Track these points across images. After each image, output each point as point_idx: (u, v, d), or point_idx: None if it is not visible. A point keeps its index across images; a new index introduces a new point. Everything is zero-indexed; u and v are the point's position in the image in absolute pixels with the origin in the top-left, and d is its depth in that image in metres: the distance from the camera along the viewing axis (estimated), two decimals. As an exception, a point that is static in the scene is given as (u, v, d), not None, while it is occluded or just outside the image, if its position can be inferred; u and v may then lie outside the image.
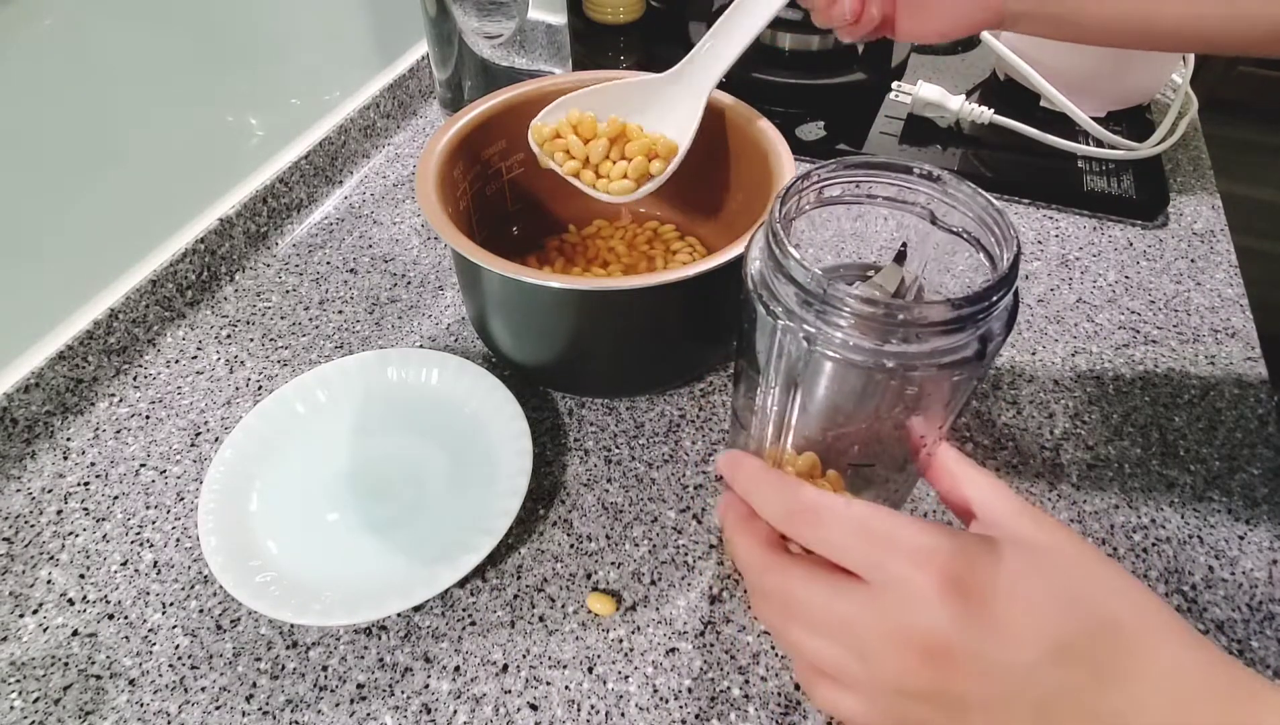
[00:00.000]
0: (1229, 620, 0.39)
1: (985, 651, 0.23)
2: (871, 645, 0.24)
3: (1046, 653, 0.22)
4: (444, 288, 0.56)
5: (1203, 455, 0.46)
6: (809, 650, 0.26)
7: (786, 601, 0.26)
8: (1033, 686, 0.22)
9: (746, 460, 0.29)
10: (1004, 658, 0.23)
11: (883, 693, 0.24)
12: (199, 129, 0.53)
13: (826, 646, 0.25)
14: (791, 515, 0.26)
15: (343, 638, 0.38)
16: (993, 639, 0.23)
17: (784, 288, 0.26)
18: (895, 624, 0.24)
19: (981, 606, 0.23)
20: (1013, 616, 0.23)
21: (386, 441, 0.45)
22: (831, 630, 0.25)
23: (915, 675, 0.23)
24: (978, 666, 0.23)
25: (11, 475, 0.45)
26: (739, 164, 0.48)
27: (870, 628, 0.24)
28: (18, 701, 0.36)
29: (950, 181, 0.29)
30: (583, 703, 0.36)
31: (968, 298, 0.24)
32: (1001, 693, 0.23)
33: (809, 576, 0.26)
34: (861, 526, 0.25)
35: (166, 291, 0.52)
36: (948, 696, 0.23)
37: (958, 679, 0.23)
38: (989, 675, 0.23)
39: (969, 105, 0.65)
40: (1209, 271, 0.57)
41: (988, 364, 0.27)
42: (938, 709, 0.24)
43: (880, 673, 0.24)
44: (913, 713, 0.24)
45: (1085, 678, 0.22)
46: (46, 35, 0.43)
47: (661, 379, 0.48)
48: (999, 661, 0.23)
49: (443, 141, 0.45)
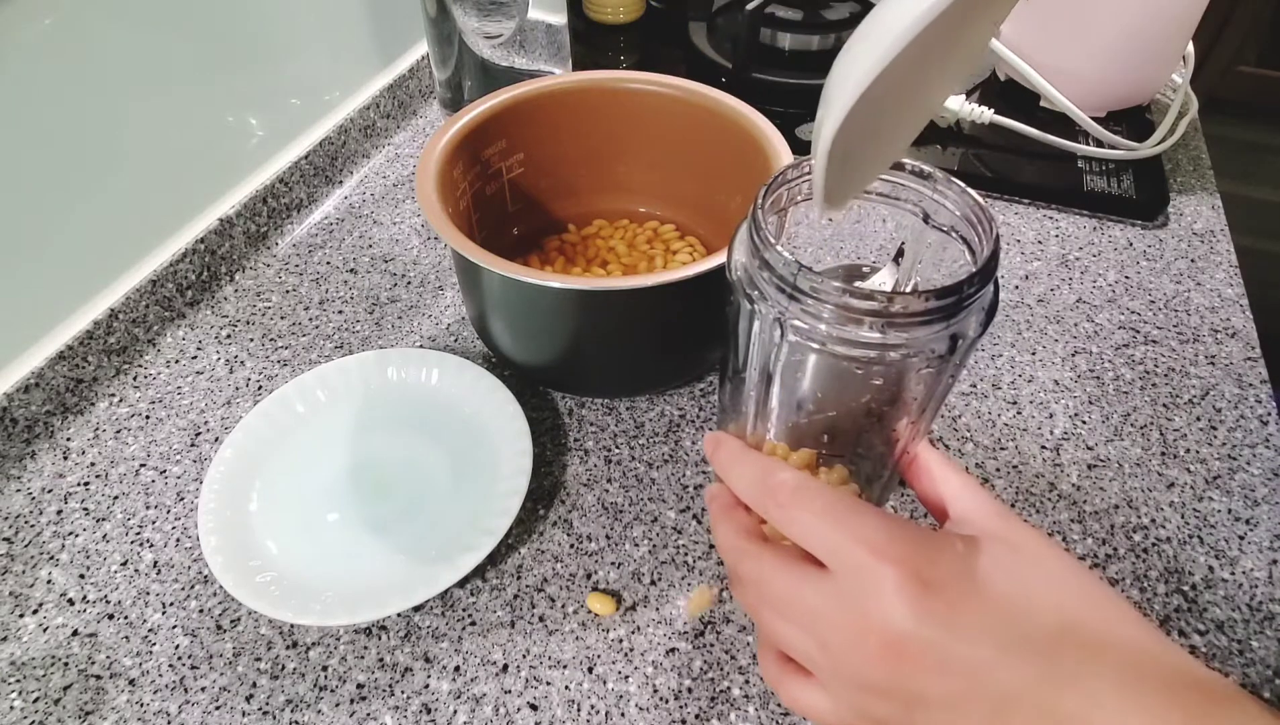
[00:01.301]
0: (1229, 620, 0.39)
1: (943, 646, 0.23)
2: (833, 635, 0.24)
3: (1005, 649, 0.22)
4: (444, 288, 0.56)
5: (1203, 455, 0.46)
6: (779, 634, 0.26)
7: (759, 586, 0.27)
8: (990, 683, 0.22)
9: (727, 440, 0.29)
10: (962, 653, 0.23)
11: (843, 684, 0.25)
12: (199, 129, 0.53)
13: (793, 633, 0.26)
14: (763, 493, 0.27)
15: (343, 638, 0.38)
16: (951, 634, 0.23)
17: (761, 275, 0.26)
18: (855, 614, 0.24)
19: (941, 601, 0.23)
20: (972, 612, 0.23)
21: (386, 441, 0.45)
22: (796, 616, 0.26)
23: (874, 667, 0.23)
24: (936, 661, 0.23)
25: (11, 475, 0.45)
26: (739, 164, 0.48)
27: (832, 617, 0.24)
28: (18, 701, 0.36)
29: (940, 179, 0.29)
30: (583, 703, 0.36)
31: (938, 291, 0.24)
32: (960, 689, 0.23)
33: (780, 563, 0.26)
34: (828, 511, 0.25)
35: (166, 291, 0.52)
36: (906, 690, 0.23)
37: (916, 673, 0.23)
38: (947, 670, 0.23)
39: (969, 105, 0.65)
40: (1209, 271, 0.57)
41: (960, 360, 0.27)
42: (896, 703, 0.24)
43: (841, 664, 0.24)
44: (872, 706, 0.24)
45: (1043, 675, 0.22)
46: (46, 35, 0.43)
47: (661, 379, 0.48)
48: (957, 656, 0.23)
49: (443, 141, 0.45)
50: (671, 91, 0.50)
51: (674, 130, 0.51)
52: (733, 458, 0.29)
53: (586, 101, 0.51)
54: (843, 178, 0.25)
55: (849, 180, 0.26)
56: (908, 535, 0.24)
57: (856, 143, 0.24)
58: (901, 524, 0.24)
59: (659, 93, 0.50)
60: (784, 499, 0.26)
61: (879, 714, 0.24)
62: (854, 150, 0.24)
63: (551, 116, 0.51)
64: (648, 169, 0.54)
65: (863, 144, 0.25)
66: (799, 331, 0.26)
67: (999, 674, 0.22)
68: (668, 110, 0.51)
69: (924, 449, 0.30)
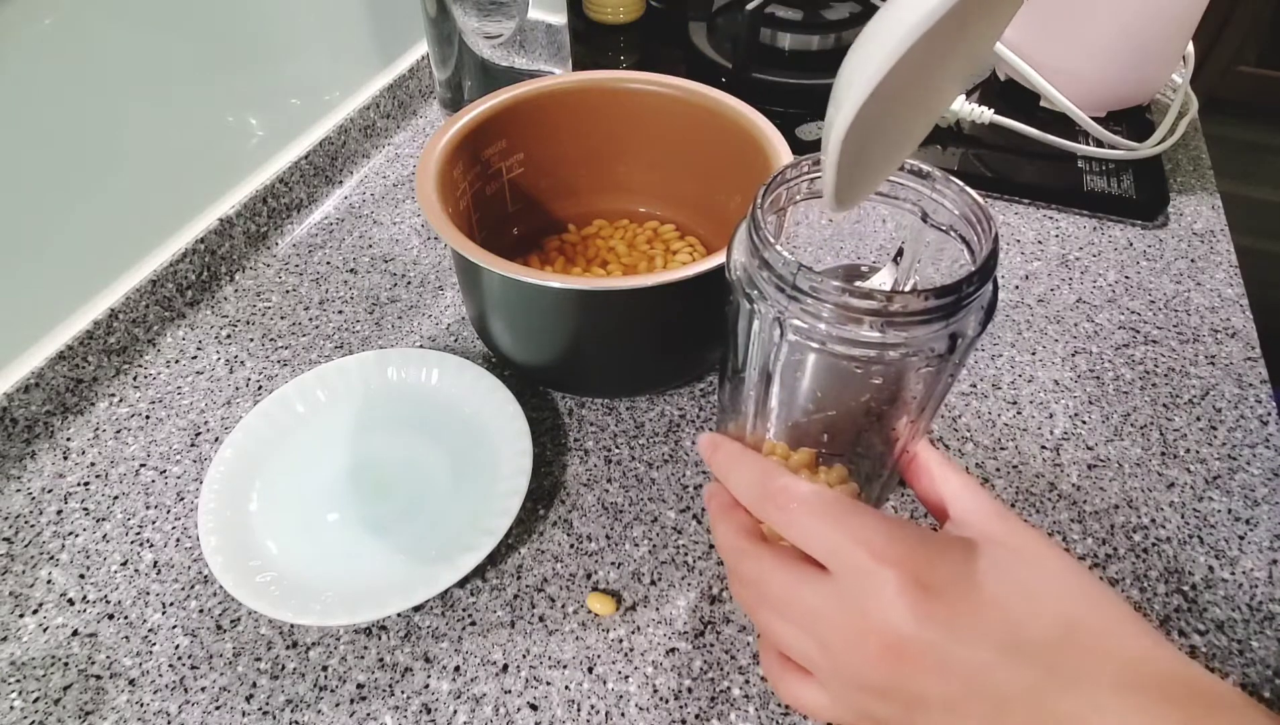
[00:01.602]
0: (1229, 620, 0.39)
1: (943, 647, 0.23)
2: (832, 636, 0.24)
3: (1004, 651, 0.22)
4: (444, 288, 0.56)
5: (1203, 455, 0.46)
6: (778, 634, 0.26)
7: (758, 586, 0.27)
8: (990, 685, 0.22)
9: (725, 442, 0.30)
10: (961, 654, 0.23)
11: (843, 685, 0.25)
12: (199, 129, 0.53)
13: (793, 633, 0.26)
14: (763, 497, 0.27)
15: (343, 638, 0.38)
16: (951, 635, 0.23)
17: (761, 274, 0.26)
18: (855, 616, 0.24)
19: (941, 602, 0.23)
20: (971, 613, 0.23)
21: (386, 441, 0.45)
22: (796, 617, 0.26)
23: (873, 669, 0.24)
24: (935, 662, 0.23)
25: (11, 475, 0.45)
26: (739, 164, 0.48)
27: (831, 619, 0.24)
28: (18, 701, 0.36)
29: (939, 178, 0.29)
30: (583, 703, 0.36)
31: (938, 290, 0.24)
32: (959, 690, 0.23)
33: (779, 563, 0.26)
34: (827, 513, 0.25)
35: (166, 291, 0.52)
36: (905, 692, 0.23)
37: (916, 674, 0.23)
38: (946, 671, 0.23)
39: (969, 105, 0.65)
40: (1209, 271, 0.57)
41: (960, 359, 0.27)
42: (896, 704, 0.24)
43: (841, 665, 0.24)
44: (871, 707, 0.24)
45: (1043, 677, 0.22)
46: (46, 35, 0.43)
47: (661, 379, 0.48)
48: (957, 658, 0.23)
49: (443, 141, 0.45)
50: (671, 91, 0.50)
51: (674, 130, 0.51)
52: (731, 460, 0.29)
53: (586, 101, 0.51)
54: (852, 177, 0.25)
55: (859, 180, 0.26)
56: (908, 537, 0.24)
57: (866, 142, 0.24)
58: (901, 525, 0.24)
59: (659, 93, 0.50)
60: (783, 502, 0.26)
61: (879, 714, 0.24)
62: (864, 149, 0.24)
63: (551, 116, 0.51)
64: (648, 169, 0.54)
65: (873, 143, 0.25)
66: (799, 331, 0.26)
67: (998, 676, 0.22)
68: (668, 110, 0.51)
69: (924, 448, 0.30)
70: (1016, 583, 0.24)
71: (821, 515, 0.25)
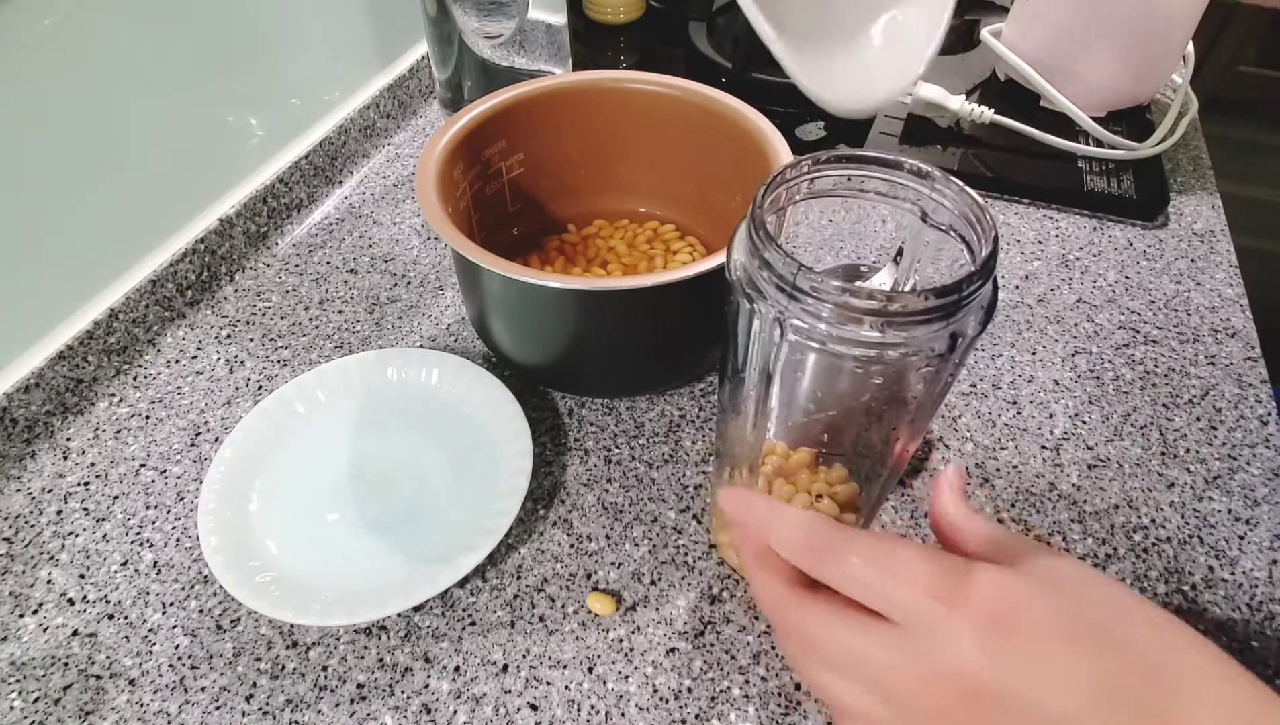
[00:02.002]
0: (1229, 620, 0.39)
1: (1028, 693, 0.22)
2: (902, 688, 0.23)
3: (1094, 697, 0.22)
4: (444, 288, 0.56)
5: (1203, 455, 0.46)
6: (828, 687, 0.25)
7: (805, 638, 0.26)
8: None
9: (754, 498, 0.28)
10: (1047, 701, 0.22)
11: None
12: (199, 129, 0.53)
13: (846, 686, 0.25)
14: (810, 553, 0.25)
15: (343, 638, 0.38)
16: (1036, 680, 0.22)
17: (761, 274, 0.26)
18: (931, 666, 0.23)
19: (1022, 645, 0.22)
20: (1055, 656, 0.22)
21: (387, 442, 0.45)
22: (850, 669, 0.24)
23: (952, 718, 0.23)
24: (1018, 706, 0.22)
25: (11, 475, 0.45)
26: (739, 164, 0.48)
27: (900, 670, 0.23)
28: (18, 701, 0.36)
29: (939, 178, 0.29)
30: (583, 703, 0.36)
31: (937, 290, 0.24)
32: None
33: (827, 613, 0.25)
34: (882, 563, 0.24)
35: (166, 291, 0.52)
36: None
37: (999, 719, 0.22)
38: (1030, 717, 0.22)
39: (969, 105, 0.65)
40: (1209, 271, 0.57)
41: (960, 359, 0.27)
42: None
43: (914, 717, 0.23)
44: None
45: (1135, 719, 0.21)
46: (46, 35, 0.43)
47: (661, 379, 0.48)
48: (1041, 705, 0.22)
49: (443, 141, 0.45)
50: (671, 91, 0.50)
51: (674, 130, 0.51)
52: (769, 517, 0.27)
53: (586, 101, 0.51)
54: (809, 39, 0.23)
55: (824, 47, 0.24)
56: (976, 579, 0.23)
57: None
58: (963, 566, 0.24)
59: (659, 93, 0.50)
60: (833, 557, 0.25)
61: None
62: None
63: (551, 116, 0.51)
64: (648, 169, 0.54)
65: None
66: (799, 331, 0.26)
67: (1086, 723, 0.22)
68: (668, 110, 0.51)
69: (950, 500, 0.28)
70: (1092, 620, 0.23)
71: (877, 566, 0.24)
